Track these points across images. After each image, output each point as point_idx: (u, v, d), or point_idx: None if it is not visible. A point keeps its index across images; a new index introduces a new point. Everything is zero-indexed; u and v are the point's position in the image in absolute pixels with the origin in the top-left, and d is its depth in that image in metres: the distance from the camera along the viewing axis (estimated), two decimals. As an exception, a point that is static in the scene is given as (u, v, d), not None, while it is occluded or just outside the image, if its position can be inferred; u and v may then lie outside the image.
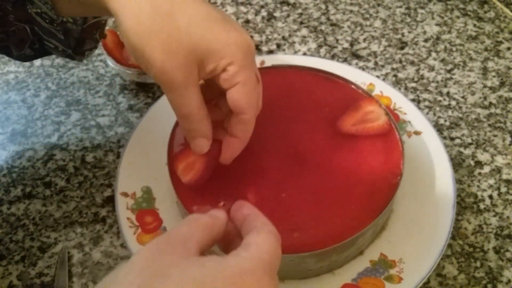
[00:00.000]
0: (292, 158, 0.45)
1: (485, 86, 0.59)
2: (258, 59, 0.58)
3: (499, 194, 0.49)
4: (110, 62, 0.57)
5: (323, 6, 0.70)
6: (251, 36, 0.65)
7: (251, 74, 0.36)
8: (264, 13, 0.69)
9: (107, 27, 0.65)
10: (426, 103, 0.57)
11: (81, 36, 0.43)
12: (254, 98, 0.37)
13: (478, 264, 0.44)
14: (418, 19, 0.68)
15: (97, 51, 0.64)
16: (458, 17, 0.68)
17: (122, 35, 0.34)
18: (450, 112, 0.56)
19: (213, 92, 0.39)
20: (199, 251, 0.27)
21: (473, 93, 0.58)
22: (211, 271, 0.26)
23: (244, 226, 0.31)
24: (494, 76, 0.60)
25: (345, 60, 0.62)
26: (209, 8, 0.35)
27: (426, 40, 0.65)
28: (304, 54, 0.63)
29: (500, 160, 0.52)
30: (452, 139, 0.54)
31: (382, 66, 0.61)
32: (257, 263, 0.27)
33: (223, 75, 0.35)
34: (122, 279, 0.25)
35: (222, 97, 0.38)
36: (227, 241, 0.31)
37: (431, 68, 0.61)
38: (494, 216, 0.47)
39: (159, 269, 0.25)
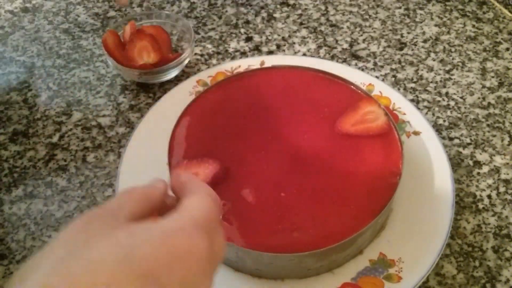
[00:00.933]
0: (291, 158, 0.45)
1: (483, 87, 0.59)
2: (258, 59, 0.59)
3: (498, 194, 0.49)
4: (111, 62, 0.57)
5: (323, 7, 0.70)
6: (251, 37, 0.65)
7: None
8: (264, 14, 0.69)
9: (107, 28, 0.66)
10: (425, 103, 0.57)
11: None
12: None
13: (477, 263, 0.44)
14: (417, 19, 0.68)
15: (98, 52, 0.64)
16: (457, 18, 0.68)
17: None
18: (449, 112, 0.56)
19: None
20: (129, 220, 0.27)
21: (472, 94, 0.58)
22: (139, 235, 0.25)
23: (182, 193, 0.30)
24: (492, 77, 0.60)
25: (344, 61, 0.62)
26: None
27: (425, 41, 0.65)
28: (304, 54, 0.63)
29: (498, 160, 0.52)
30: (451, 139, 0.54)
31: (381, 66, 0.62)
32: (187, 221, 0.27)
33: None
34: (48, 252, 0.24)
35: None
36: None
37: (430, 69, 0.61)
38: (493, 215, 0.47)
39: (84, 238, 0.25)
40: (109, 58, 0.57)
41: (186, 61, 0.59)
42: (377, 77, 0.59)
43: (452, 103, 0.57)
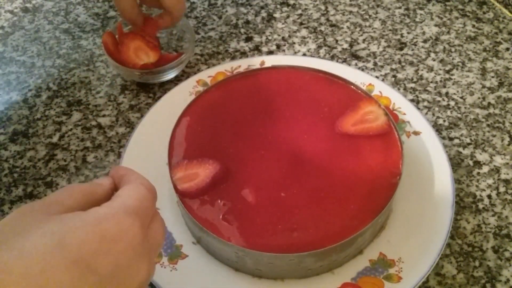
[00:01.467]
0: (291, 158, 0.45)
1: (483, 87, 0.59)
2: (258, 60, 0.59)
3: (498, 193, 0.49)
4: (112, 63, 0.57)
5: (323, 7, 0.70)
6: (251, 37, 0.65)
7: None
8: (264, 14, 0.69)
9: (107, 28, 0.66)
10: (425, 103, 0.57)
11: None
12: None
13: (477, 263, 0.44)
14: (417, 19, 0.68)
15: (97, 52, 0.64)
16: (457, 18, 0.68)
17: None
18: (449, 112, 0.56)
19: None
20: (65, 212, 0.27)
21: (472, 94, 0.58)
22: (71, 224, 0.26)
23: (119, 185, 0.31)
24: (492, 77, 0.60)
25: (344, 61, 0.62)
26: None
27: (425, 41, 0.65)
28: (304, 54, 0.63)
29: (498, 160, 0.52)
30: (451, 139, 0.54)
31: (381, 66, 0.62)
32: (117, 208, 0.27)
33: None
34: None
35: None
36: None
37: (430, 69, 0.61)
38: (493, 215, 0.48)
39: (18, 229, 0.25)
40: (109, 59, 0.57)
41: (187, 61, 0.59)
42: (377, 77, 0.59)
43: (452, 103, 0.57)
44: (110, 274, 0.26)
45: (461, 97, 0.58)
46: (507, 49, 0.64)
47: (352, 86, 0.50)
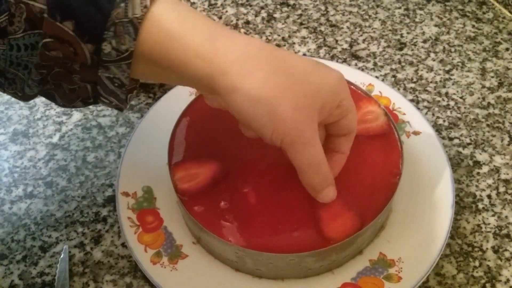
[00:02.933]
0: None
1: (483, 87, 0.59)
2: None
3: (498, 193, 0.49)
4: None
5: (323, 7, 0.70)
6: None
7: (352, 100, 0.37)
8: (264, 14, 0.69)
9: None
10: (425, 103, 0.57)
11: None
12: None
13: (476, 263, 0.44)
14: (417, 20, 0.68)
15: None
16: (456, 18, 0.68)
17: (238, 107, 0.33)
18: (448, 113, 0.57)
19: None
20: None
21: (471, 94, 0.59)
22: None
23: None
24: (492, 77, 0.60)
25: (344, 61, 0.63)
26: (305, 57, 0.37)
27: (425, 41, 0.65)
28: (304, 54, 0.63)
29: (498, 160, 0.52)
30: (450, 139, 0.54)
31: (381, 66, 0.62)
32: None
33: (337, 111, 0.36)
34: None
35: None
36: None
37: (430, 69, 0.61)
38: (493, 215, 0.48)
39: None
40: None
41: None
42: (377, 77, 0.59)
43: (452, 103, 0.58)
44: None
45: (461, 97, 0.58)
46: (507, 49, 0.64)
47: (352, 86, 0.50)
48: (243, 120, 0.34)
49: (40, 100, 0.59)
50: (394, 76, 0.61)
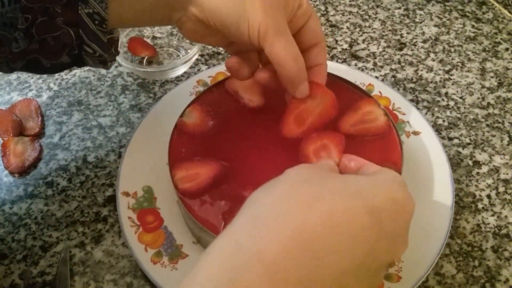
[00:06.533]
0: (292, 158, 0.45)
1: (483, 87, 0.59)
2: (258, 60, 0.59)
3: (497, 193, 0.49)
4: (123, 62, 0.58)
5: (323, 8, 0.70)
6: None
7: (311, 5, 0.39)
8: (264, 14, 0.69)
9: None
10: (425, 103, 0.58)
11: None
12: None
13: (476, 263, 0.44)
14: (416, 20, 0.68)
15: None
16: (456, 18, 0.68)
17: (212, 13, 0.37)
18: (448, 113, 0.57)
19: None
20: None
21: (471, 94, 0.59)
22: (363, 181, 0.31)
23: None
24: (492, 77, 0.61)
25: (344, 61, 0.63)
26: None
27: (424, 41, 0.65)
28: (304, 55, 0.63)
29: (498, 160, 0.52)
30: (450, 139, 0.54)
31: (381, 66, 0.62)
32: (396, 178, 0.32)
33: (299, 12, 0.38)
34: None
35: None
36: None
37: (430, 69, 0.62)
38: (492, 215, 0.48)
39: (315, 175, 0.31)
40: (120, 58, 0.58)
41: (194, 58, 0.60)
42: (376, 77, 0.59)
43: (451, 103, 0.58)
44: (390, 231, 0.29)
45: (461, 97, 0.58)
46: (507, 49, 0.64)
47: (351, 86, 0.50)
48: (219, 21, 0.37)
49: (41, 101, 0.59)
50: (394, 76, 0.61)
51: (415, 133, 0.51)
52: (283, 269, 0.25)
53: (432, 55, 0.63)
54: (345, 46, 0.65)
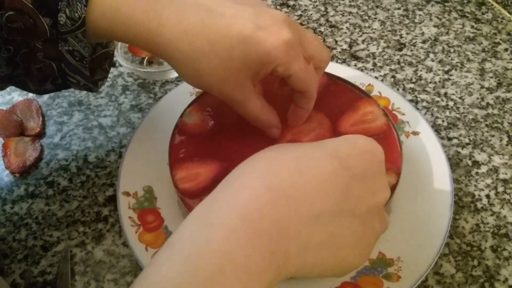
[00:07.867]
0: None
1: (482, 87, 0.60)
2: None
3: (496, 193, 0.49)
4: (124, 62, 0.58)
5: (322, 8, 0.70)
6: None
7: (298, 63, 0.38)
8: (264, 14, 0.69)
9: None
10: (424, 103, 0.58)
11: (91, 67, 0.42)
12: (310, 79, 0.40)
13: (475, 262, 0.45)
14: (416, 20, 0.68)
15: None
16: (456, 19, 0.69)
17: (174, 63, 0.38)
18: (447, 113, 0.57)
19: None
20: None
21: (470, 94, 0.59)
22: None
23: None
24: (491, 77, 0.61)
25: (344, 61, 0.63)
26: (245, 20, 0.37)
27: (424, 42, 0.65)
28: (304, 55, 0.63)
29: (497, 160, 0.52)
30: (449, 139, 0.54)
31: (381, 67, 0.62)
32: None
33: (276, 73, 0.38)
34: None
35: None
36: None
37: (429, 69, 0.62)
38: (491, 215, 0.48)
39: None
40: (121, 58, 0.58)
41: None
42: (376, 77, 0.60)
43: (451, 103, 0.58)
44: (360, 174, 0.31)
45: (460, 98, 0.58)
46: (506, 49, 0.64)
47: (351, 87, 0.50)
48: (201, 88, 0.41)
49: (41, 101, 0.59)
50: (393, 77, 0.61)
51: (415, 133, 0.51)
52: (258, 213, 0.27)
53: (431, 55, 0.63)
54: (345, 46, 0.65)
